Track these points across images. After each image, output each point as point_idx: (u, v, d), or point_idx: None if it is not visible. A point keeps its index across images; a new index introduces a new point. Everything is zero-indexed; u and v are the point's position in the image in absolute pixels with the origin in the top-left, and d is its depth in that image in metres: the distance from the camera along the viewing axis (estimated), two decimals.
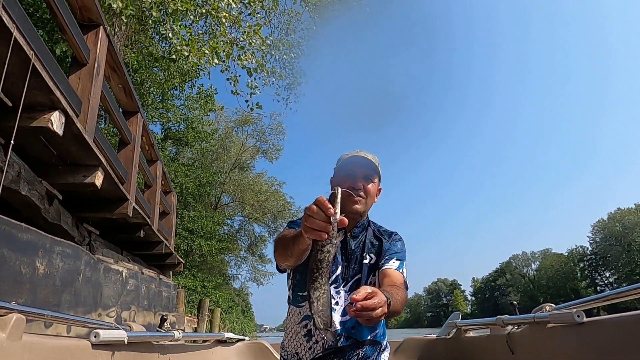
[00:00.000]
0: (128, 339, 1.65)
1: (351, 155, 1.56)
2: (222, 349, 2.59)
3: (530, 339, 1.94)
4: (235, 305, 21.11)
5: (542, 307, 1.92)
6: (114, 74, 3.64)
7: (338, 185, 1.41)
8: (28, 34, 1.89)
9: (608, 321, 1.52)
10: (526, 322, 1.97)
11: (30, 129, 2.01)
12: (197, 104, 16.75)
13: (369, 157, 1.55)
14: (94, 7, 2.92)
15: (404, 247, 1.61)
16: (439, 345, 2.83)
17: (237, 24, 8.67)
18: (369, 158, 1.54)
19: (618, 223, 59.64)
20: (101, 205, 3.26)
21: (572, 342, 1.63)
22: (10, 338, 1.07)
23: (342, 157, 1.60)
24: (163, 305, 5.38)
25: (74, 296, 2.78)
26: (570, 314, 1.60)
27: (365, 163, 1.52)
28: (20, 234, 2.04)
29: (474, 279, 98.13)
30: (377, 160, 1.57)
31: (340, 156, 1.62)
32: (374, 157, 1.56)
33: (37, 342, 1.21)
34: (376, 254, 1.59)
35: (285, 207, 24.96)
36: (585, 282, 64.55)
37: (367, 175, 1.52)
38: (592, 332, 1.55)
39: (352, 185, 1.49)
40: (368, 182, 1.52)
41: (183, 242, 16.16)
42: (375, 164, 1.55)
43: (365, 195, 1.51)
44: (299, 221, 1.52)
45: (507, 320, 2.11)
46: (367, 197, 1.52)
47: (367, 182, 1.52)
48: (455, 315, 2.77)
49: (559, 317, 1.69)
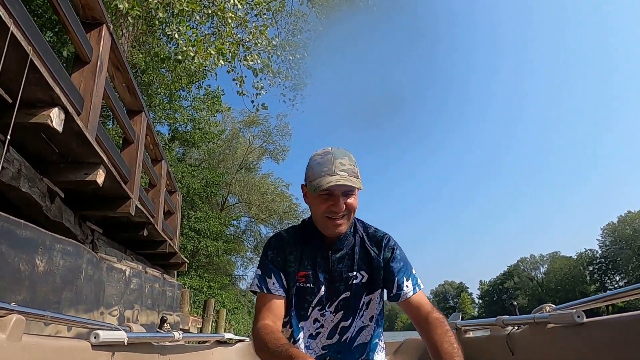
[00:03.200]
0: (128, 340, 1.65)
1: (324, 163, 1.29)
2: (222, 349, 2.58)
3: (530, 340, 1.92)
4: (241, 306, 21.12)
5: (542, 308, 1.90)
6: (118, 72, 3.65)
7: (314, 207, 1.33)
8: (27, 30, 1.89)
9: (608, 321, 1.50)
10: (526, 322, 1.95)
11: (29, 125, 2.00)
12: (204, 105, 16.82)
13: (345, 164, 1.29)
14: (97, 5, 2.93)
15: (403, 255, 1.45)
16: None
17: (243, 25, 8.70)
18: (345, 166, 1.28)
19: (628, 226, 58.91)
20: (103, 204, 3.27)
21: (572, 343, 1.62)
22: (10, 339, 1.07)
23: (313, 162, 1.34)
24: (167, 304, 5.38)
25: (75, 294, 2.78)
26: (570, 314, 1.58)
27: (344, 176, 1.25)
28: (20, 230, 2.03)
29: (482, 281, 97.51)
30: (353, 160, 1.32)
31: (311, 158, 1.37)
32: (350, 159, 1.31)
33: (37, 342, 1.21)
34: (368, 270, 1.41)
35: (291, 208, 24.98)
36: (595, 285, 63.81)
37: (347, 191, 1.29)
38: (592, 332, 1.53)
39: (332, 208, 1.28)
40: (349, 197, 1.30)
41: (189, 242, 16.21)
42: (354, 169, 1.30)
43: (348, 212, 1.31)
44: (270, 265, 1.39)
45: (507, 321, 2.10)
46: (350, 213, 1.32)
47: (348, 197, 1.30)
48: (455, 316, 2.74)
49: (559, 317, 1.68)
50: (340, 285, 1.40)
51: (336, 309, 1.40)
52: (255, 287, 1.38)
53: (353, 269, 1.41)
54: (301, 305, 1.40)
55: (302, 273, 1.40)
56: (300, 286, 1.39)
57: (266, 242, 1.47)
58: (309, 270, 1.40)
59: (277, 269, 1.39)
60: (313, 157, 1.36)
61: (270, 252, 1.42)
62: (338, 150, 1.34)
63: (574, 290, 63.44)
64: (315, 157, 1.35)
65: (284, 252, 1.41)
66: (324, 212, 1.30)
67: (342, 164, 1.29)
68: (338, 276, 1.40)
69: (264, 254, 1.44)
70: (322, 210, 1.31)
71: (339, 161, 1.29)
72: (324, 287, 1.39)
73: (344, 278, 1.40)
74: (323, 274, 1.40)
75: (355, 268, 1.40)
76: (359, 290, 1.40)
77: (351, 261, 1.41)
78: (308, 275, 1.40)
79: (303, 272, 1.40)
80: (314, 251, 1.41)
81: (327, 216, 1.31)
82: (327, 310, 1.40)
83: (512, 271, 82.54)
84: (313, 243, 1.41)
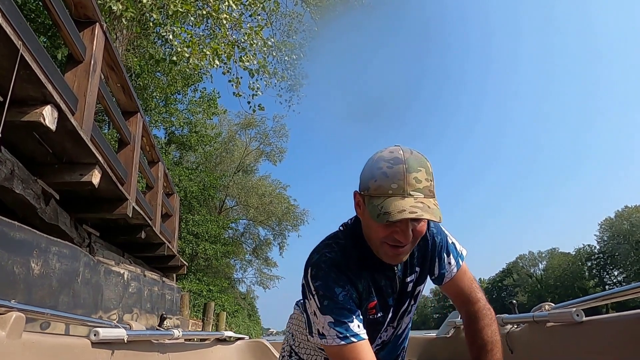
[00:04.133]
0: (128, 338, 1.65)
1: (393, 176, 0.96)
2: (222, 347, 2.55)
3: (529, 338, 1.92)
4: (240, 309, 21.07)
5: (541, 307, 1.91)
6: (112, 72, 3.60)
7: (371, 229, 1.03)
8: (17, 26, 1.84)
9: (607, 320, 1.50)
10: (525, 321, 1.95)
11: (21, 124, 1.95)
12: (200, 107, 16.81)
13: (422, 179, 0.96)
14: (90, 4, 2.87)
15: (436, 223, 1.14)
16: (439, 344, 2.83)
17: (238, 26, 8.67)
18: (421, 183, 0.96)
19: (626, 221, 59.14)
20: (100, 206, 3.21)
21: (571, 342, 1.62)
22: (10, 336, 1.07)
23: (377, 170, 0.99)
24: (166, 308, 5.32)
25: (72, 298, 2.72)
26: (569, 313, 1.58)
27: (419, 201, 0.94)
28: (13, 232, 1.98)
29: (481, 279, 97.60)
30: (430, 172, 0.99)
31: (373, 160, 1.03)
32: (427, 171, 0.98)
33: (37, 340, 1.21)
34: (422, 263, 1.19)
35: (289, 209, 24.97)
36: (594, 281, 64.01)
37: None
38: (591, 331, 1.53)
39: (395, 236, 1.00)
40: (419, 224, 1.00)
41: (188, 246, 16.16)
42: (431, 186, 0.98)
43: (414, 240, 1.02)
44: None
45: (506, 320, 2.10)
46: (417, 240, 1.04)
47: (418, 222, 0.99)
48: (454, 314, 2.73)
49: (558, 316, 1.68)
50: (406, 297, 1.21)
51: (398, 320, 1.23)
52: (337, 339, 1.01)
53: (413, 271, 1.19)
54: (371, 338, 1.13)
55: (373, 303, 1.14)
56: (371, 319, 1.15)
57: (318, 274, 1.08)
58: (378, 296, 1.15)
59: (357, 306, 1.08)
60: (377, 160, 1.01)
61: (339, 290, 1.05)
62: (412, 156, 0.99)
63: (573, 286, 63.62)
64: (381, 163, 0.99)
65: (354, 285, 1.10)
66: (384, 238, 1.02)
67: (418, 180, 0.96)
68: (405, 291, 1.19)
69: (328, 294, 1.05)
70: (381, 236, 1.02)
71: (413, 176, 0.95)
72: (392, 309, 1.18)
73: (407, 289, 1.19)
74: (392, 296, 1.16)
75: (414, 269, 1.19)
76: (414, 287, 1.22)
77: (411, 265, 1.18)
78: (377, 304, 1.15)
79: (374, 301, 1.14)
80: (379, 272, 1.14)
81: (387, 243, 1.02)
82: (390, 326, 1.23)
83: (511, 268, 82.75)
84: (377, 265, 1.11)
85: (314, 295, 1.06)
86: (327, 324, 1.03)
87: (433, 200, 0.97)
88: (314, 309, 1.06)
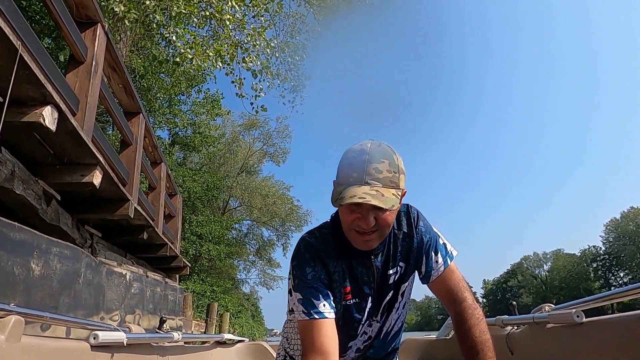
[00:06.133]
0: (127, 341, 1.65)
1: (355, 166, 1.04)
2: (222, 350, 2.54)
3: (529, 340, 1.91)
4: (244, 310, 21.08)
5: (541, 308, 1.90)
6: (114, 73, 3.60)
7: (341, 215, 1.10)
8: (17, 25, 1.83)
9: (607, 321, 1.49)
10: (525, 322, 1.95)
11: (21, 124, 1.95)
12: (204, 108, 16.86)
13: (382, 170, 1.02)
14: (91, 4, 2.87)
15: (426, 223, 1.25)
16: (439, 346, 2.82)
17: (241, 27, 8.67)
18: (381, 174, 1.02)
19: (631, 222, 58.69)
20: (101, 206, 3.21)
21: (572, 343, 1.61)
22: (9, 340, 1.07)
23: (344, 159, 1.09)
24: (169, 309, 5.32)
25: (73, 299, 2.72)
26: (570, 314, 1.58)
27: (374, 189, 1.00)
28: (13, 233, 1.97)
29: (485, 280, 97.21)
30: (395, 164, 1.05)
31: (345, 152, 1.11)
32: (390, 164, 1.04)
33: (36, 343, 1.21)
34: (406, 258, 1.23)
35: (293, 210, 24.98)
36: (599, 282, 63.56)
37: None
38: (591, 332, 1.53)
39: (358, 222, 1.06)
40: (383, 212, 1.05)
41: (191, 246, 16.18)
42: (393, 177, 1.04)
43: (380, 228, 1.08)
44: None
45: (506, 321, 2.10)
46: (383, 228, 1.09)
47: (382, 211, 1.04)
48: None
49: (558, 317, 1.68)
50: (387, 289, 1.23)
51: (382, 314, 1.25)
52: (302, 314, 1.11)
53: (395, 264, 1.22)
54: (350, 325, 1.22)
55: (347, 288, 1.19)
56: (347, 304, 1.20)
57: (296, 256, 1.18)
58: (352, 283, 1.20)
59: (325, 287, 1.15)
60: (347, 151, 1.10)
61: (309, 270, 1.15)
62: (378, 148, 1.06)
63: (578, 288, 63.20)
64: (349, 153, 1.09)
65: (326, 267, 1.17)
66: (350, 224, 1.09)
67: (378, 170, 1.02)
68: (384, 281, 1.22)
69: (299, 274, 1.15)
70: (347, 222, 1.09)
71: (374, 166, 1.02)
72: (371, 298, 1.22)
73: (388, 281, 1.22)
74: (368, 284, 1.21)
75: (397, 263, 1.22)
76: (398, 283, 1.24)
77: (394, 257, 1.22)
78: (352, 290, 1.20)
79: (348, 287, 1.19)
80: (357, 260, 1.19)
81: (355, 229, 1.09)
82: (374, 320, 1.25)
83: (516, 269, 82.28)
84: (354, 253, 1.17)
85: (291, 275, 1.19)
86: (297, 301, 1.14)
87: (393, 190, 1.03)
88: (290, 287, 1.19)
